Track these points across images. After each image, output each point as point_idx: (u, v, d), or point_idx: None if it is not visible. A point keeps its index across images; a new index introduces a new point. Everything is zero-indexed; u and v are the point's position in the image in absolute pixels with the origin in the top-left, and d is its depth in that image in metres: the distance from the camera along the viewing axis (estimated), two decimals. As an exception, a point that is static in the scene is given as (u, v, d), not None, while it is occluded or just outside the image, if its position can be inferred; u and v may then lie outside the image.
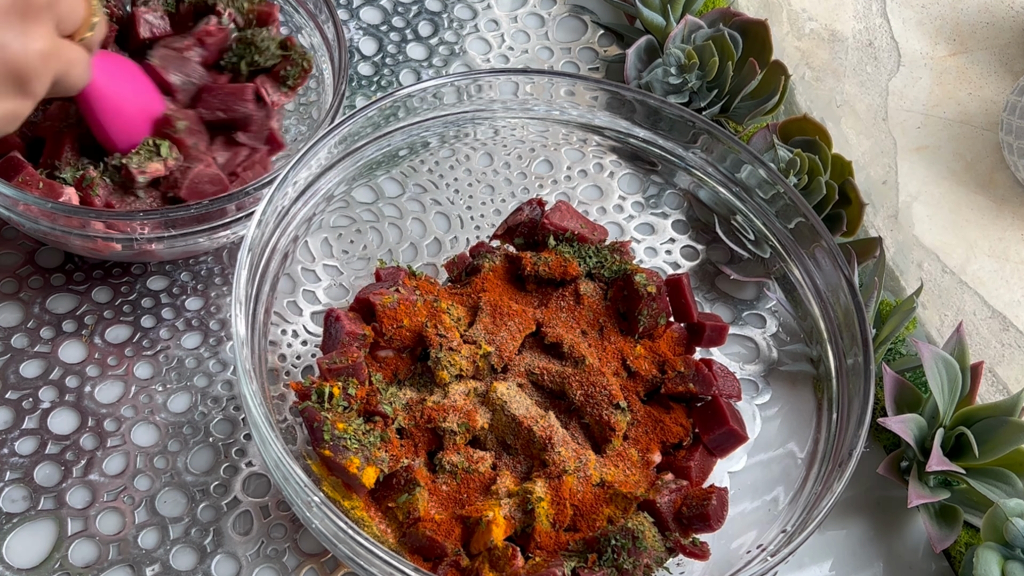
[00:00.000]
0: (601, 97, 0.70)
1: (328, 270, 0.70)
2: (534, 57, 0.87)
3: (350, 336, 0.63)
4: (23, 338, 0.68)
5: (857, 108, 0.87)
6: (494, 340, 0.66)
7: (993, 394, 0.75)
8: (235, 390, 0.68)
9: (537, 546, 0.60)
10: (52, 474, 0.64)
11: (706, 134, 0.69)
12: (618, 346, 0.68)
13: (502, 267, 0.70)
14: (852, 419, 0.61)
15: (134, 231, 0.63)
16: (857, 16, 0.92)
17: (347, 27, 0.85)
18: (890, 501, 0.71)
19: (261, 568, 0.63)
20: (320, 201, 0.66)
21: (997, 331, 0.78)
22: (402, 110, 0.67)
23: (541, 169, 0.76)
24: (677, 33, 0.80)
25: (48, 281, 0.70)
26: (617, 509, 0.62)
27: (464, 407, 0.63)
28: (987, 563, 0.63)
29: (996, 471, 0.67)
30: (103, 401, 0.67)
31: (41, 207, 0.62)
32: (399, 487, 0.60)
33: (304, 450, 0.61)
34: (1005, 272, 0.81)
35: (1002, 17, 0.94)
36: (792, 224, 0.68)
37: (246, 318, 0.58)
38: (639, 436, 0.65)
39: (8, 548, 0.62)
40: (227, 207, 0.64)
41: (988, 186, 0.85)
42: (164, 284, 0.71)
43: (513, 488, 0.61)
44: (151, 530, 0.63)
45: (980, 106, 0.89)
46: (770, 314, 0.73)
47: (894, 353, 0.74)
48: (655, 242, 0.75)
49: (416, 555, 0.60)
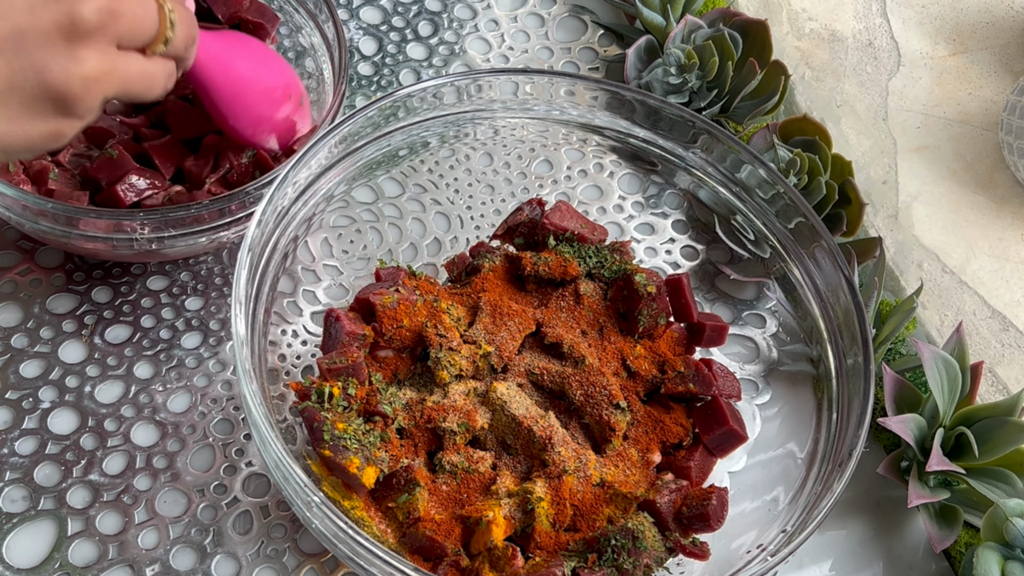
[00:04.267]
0: (601, 97, 0.70)
1: (328, 270, 0.70)
2: (534, 57, 0.87)
3: (350, 336, 0.63)
4: (23, 338, 0.68)
5: (857, 108, 0.87)
6: (494, 340, 0.66)
7: (993, 394, 0.75)
8: (235, 390, 0.68)
9: (537, 546, 0.60)
10: (52, 474, 0.64)
11: (706, 134, 0.69)
12: (618, 346, 0.68)
13: (502, 267, 0.70)
14: (852, 419, 0.61)
15: (134, 231, 0.63)
16: (857, 16, 0.92)
17: (347, 27, 0.85)
18: (890, 501, 0.71)
19: (261, 568, 0.63)
20: (320, 201, 0.66)
21: (997, 331, 0.78)
22: (402, 110, 0.67)
23: (541, 169, 0.76)
24: (677, 33, 0.80)
25: (48, 281, 0.70)
26: (617, 509, 0.62)
27: (464, 407, 0.63)
28: (987, 563, 0.63)
29: (996, 471, 0.66)
30: (103, 401, 0.67)
31: (41, 207, 0.62)
32: (399, 487, 0.60)
33: (304, 450, 0.61)
34: (1005, 272, 0.81)
35: (1002, 17, 0.94)
36: (792, 224, 0.68)
37: (246, 318, 0.58)
38: (639, 436, 0.65)
39: (8, 548, 0.62)
40: (227, 207, 0.64)
41: (988, 186, 0.85)
42: (164, 284, 0.71)
43: (513, 488, 0.61)
44: (151, 530, 0.63)
45: (980, 106, 0.89)
46: (770, 314, 0.73)
47: (894, 353, 0.74)
48: (655, 242, 0.75)
49: (416, 555, 0.60)
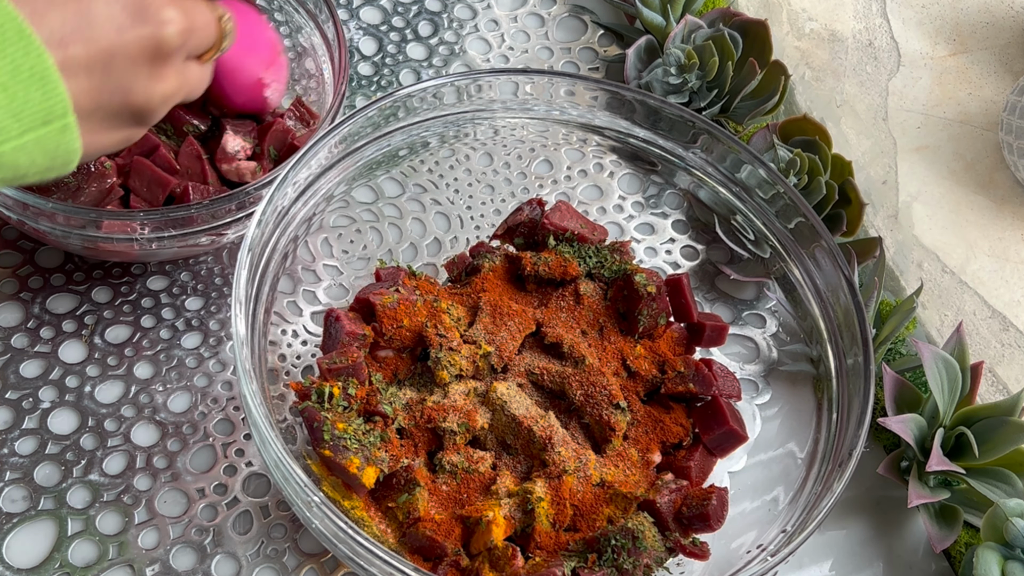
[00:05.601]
0: (601, 97, 0.70)
1: (328, 270, 0.70)
2: (534, 57, 0.87)
3: (350, 336, 0.63)
4: (23, 338, 0.68)
5: (857, 108, 0.87)
6: (494, 340, 0.66)
7: (993, 394, 0.75)
8: (235, 390, 0.68)
9: (537, 546, 0.60)
10: (52, 474, 0.64)
11: (706, 134, 0.69)
12: (618, 346, 0.68)
13: (502, 267, 0.70)
14: (852, 419, 0.61)
15: (134, 231, 0.63)
16: (857, 16, 0.92)
17: (347, 27, 0.85)
18: (890, 501, 0.71)
19: (261, 568, 0.63)
20: (320, 201, 0.66)
21: (997, 331, 0.78)
22: (402, 110, 0.67)
23: (541, 169, 0.76)
24: (677, 33, 0.80)
25: (48, 281, 0.70)
26: (617, 509, 0.62)
27: (464, 407, 0.63)
28: (987, 563, 0.63)
29: (996, 471, 0.66)
30: (103, 401, 0.67)
31: (41, 207, 0.62)
32: (399, 487, 0.60)
33: (304, 450, 0.61)
34: (1005, 272, 0.81)
35: (1002, 17, 0.94)
36: (792, 224, 0.68)
37: (246, 318, 0.58)
38: (639, 436, 0.65)
39: (8, 548, 0.62)
40: (227, 207, 0.64)
41: (988, 186, 0.85)
42: (164, 284, 0.71)
43: (513, 488, 0.61)
44: (151, 530, 0.63)
45: (980, 106, 0.89)
46: (770, 314, 0.73)
47: (894, 353, 0.74)
48: (655, 242, 0.75)
49: (416, 555, 0.60)
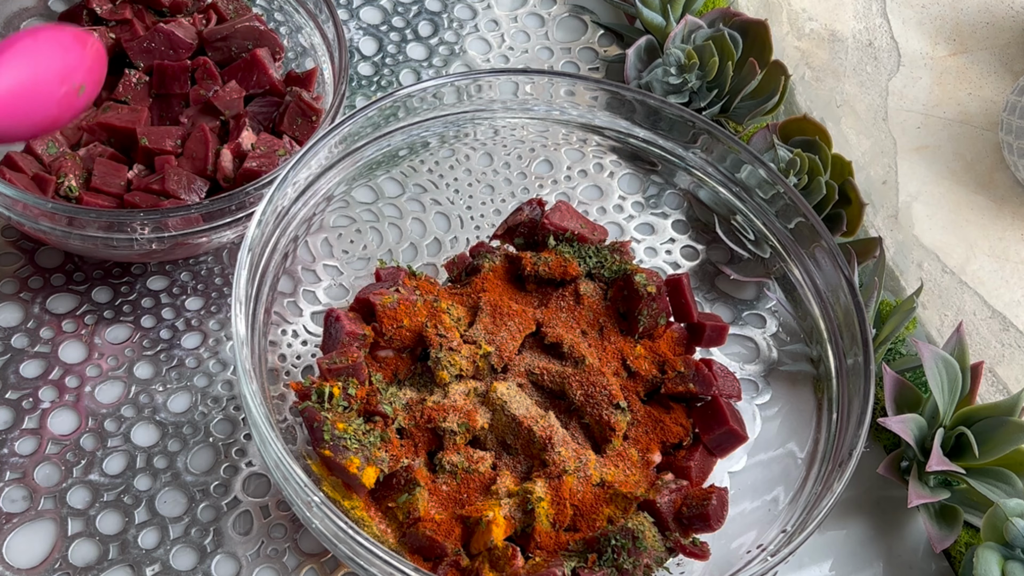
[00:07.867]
0: (601, 97, 0.70)
1: (328, 270, 0.70)
2: (534, 57, 0.87)
3: (350, 336, 0.63)
4: (23, 338, 0.68)
5: (857, 108, 0.87)
6: (494, 340, 0.66)
7: (993, 394, 0.75)
8: (235, 390, 0.68)
9: (537, 546, 0.60)
10: (52, 474, 0.64)
11: (706, 134, 0.69)
12: (618, 346, 0.68)
13: (502, 267, 0.70)
14: (852, 419, 0.61)
15: (134, 231, 0.63)
16: (857, 16, 0.92)
17: (347, 27, 0.85)
18: (890, 501, 0.71)
19: (261, 568, 0.63)
20: (320, 201, 0.66)
21: (997, 331, 0.78)
22: (402, 110, 0.67)
23: (541, 169, 0.76)
24: (677, 33, 0.80)
25: (48, 281, 0.70)
26: (617, 509, 0.62)
27: (464, 407, 0.63)
28: (987, 563, 0.63)
29: (996, 471, 0.66)
30: (103, 401, 0.67)
31: (41, 207, 0.62)
32: (399, 487, 0.60)
33: (304, 450, 0.61)
34: (1005, 272, 0.81)
35: (1002, 17, 0.94)
36: (792, 224, 0.68)
37: (246, 318, 0.58)
38: (639, 436, 0.65)
39: (8, 548, 0.62)
40: (227, 207, 0.64)
41: (988, 186, 0.85)
42: (164, 284, 0.71)
43: (513, 488, 0.61)
44: (151, 530, 0.63)
45: (980, 106, 0.89)
46: (770, 314, 0.73)
47: (894, 353, 0.74)
48: (655, 242, 0.75)
49: (416, 555, 0.60)
